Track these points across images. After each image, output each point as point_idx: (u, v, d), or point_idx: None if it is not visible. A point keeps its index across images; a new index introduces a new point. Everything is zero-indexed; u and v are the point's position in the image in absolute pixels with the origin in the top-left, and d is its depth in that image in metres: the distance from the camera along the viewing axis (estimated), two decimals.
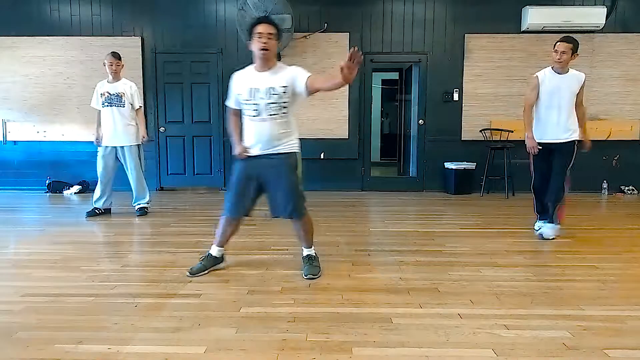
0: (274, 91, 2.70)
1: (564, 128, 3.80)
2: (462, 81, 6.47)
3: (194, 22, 6.50)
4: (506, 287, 2.68)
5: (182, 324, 2.16)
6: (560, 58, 3.72)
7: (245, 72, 2.84)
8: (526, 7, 6.19)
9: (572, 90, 3.78)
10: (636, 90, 6.42)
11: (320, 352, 1.90)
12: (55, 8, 6.51)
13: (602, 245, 3.66)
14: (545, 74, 3.87)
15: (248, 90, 2.75)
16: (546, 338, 2.02)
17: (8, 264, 3.16)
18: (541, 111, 3.88)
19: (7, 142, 6.70)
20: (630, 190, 6.51)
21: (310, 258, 2.95)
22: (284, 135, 2.78)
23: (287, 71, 2.75)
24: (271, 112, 2.72)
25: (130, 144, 4.74)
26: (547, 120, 3.83)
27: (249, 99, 2.75)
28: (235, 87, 2.86)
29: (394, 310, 2.34)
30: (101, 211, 4.83)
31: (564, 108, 3.78)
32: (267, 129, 2.75)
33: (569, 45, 3.71)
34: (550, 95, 3.81)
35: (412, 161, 6.94)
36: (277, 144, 2.78)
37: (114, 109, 4.67)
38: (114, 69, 4.66)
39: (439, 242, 3.77)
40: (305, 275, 2.84)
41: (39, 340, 2.00)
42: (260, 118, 2.75)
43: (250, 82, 2.76)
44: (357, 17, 6.45)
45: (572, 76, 3.81)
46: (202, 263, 2.95)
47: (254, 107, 2.74)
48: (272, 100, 2.70)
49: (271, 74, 2.74)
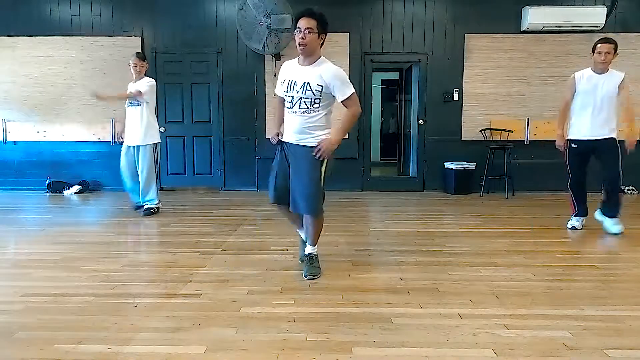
0: (309, 87, 2.69)
1: (601, 126, 3.84)
2: (462, 81, 6.47)
3: (194, 22, 6.49)
4: (506, 287, 2.68)
5: (182, 324, 2.16)
6: (605, 59, 3.78)
7: (291, 64, 2.84)
8: (526, 7, 6.18)
9: (609, 90, 3.82)
10: (636, 90, 6.41)
11: (320, 352, 1.90)
12: (55, 8, 6.51)
13: (602, 245, 3.66)
14: (583, 74, 3.92)
15: (287, 82, 2.77)
16: (546, 338, 2.02)
17: (8, 264, 3.16)
18: (578, 111, 3.93)
19: (7, 142, 6.70)
20: (630, 190, 6.50)
21: (311, 258, 2.94)
22: (313, 129, 2.75)
23: (327, 71, 2.70)
24: (302, 106, 2.72)
25: (144, 144, 4.73)
26: (584, 119, 3.88)
27: (287, 90, 2.76)
28: (281, 76, 2.86)
29: (394, 310, 2.34)
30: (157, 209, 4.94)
31: (602, 107, 3.82)
32: (297, 122, 2.76)
33: (611, 46, 3.80)
34: (587, 95, 3.86)
35: (412, 161, 6.94)
36: (305, 137, 2.76)
37: (132, 109, 4.73)
38: (138, 70, 4.71)
39: (439, 242, 3.77)
40: (305, 275, 2.84)
41: (39, 340, 2.00)
42: (292, 110, 2.76)
43: (291, 74, 2.77)
44: (357, 17, 6.45)
45: (611, 76, 3.86)
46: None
47: (290, 98, 2.76)
48: (305, 96, 2.70)
49: (311, 69, 2.72)
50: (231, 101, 6.61)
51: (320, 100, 2.71)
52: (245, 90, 6.50)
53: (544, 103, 6.36)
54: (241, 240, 3.83)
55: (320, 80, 2.68)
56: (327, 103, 2.77)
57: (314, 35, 2.64)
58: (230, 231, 4.12)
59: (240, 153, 6.68)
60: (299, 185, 2.76)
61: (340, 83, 2.71)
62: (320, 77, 2.68)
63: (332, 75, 2.68)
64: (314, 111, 2.72)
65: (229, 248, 3.57)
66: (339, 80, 2.71)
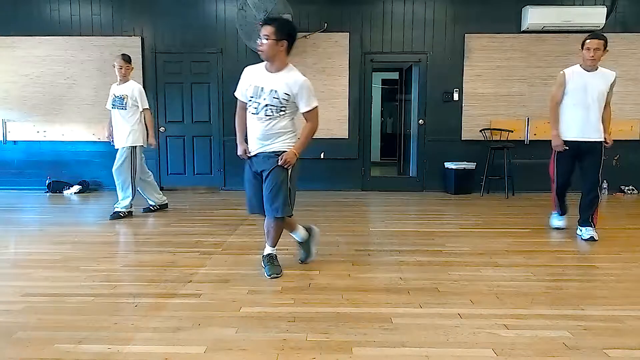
0: (276, 95, 2.71)
1: (593, 127, 3.71)
2: (462, 81, 6.46)
3: (194, 22, 6.49)
4: (506, 287, 2.68)
5: (182, 324, 2.16)
6: (594, 55, 3.62)
7: (256, 69, 2.84)
8: (526, 7, 6.18)
9: (600, 89, 3.68)
10: (636, 90, 6.42)
11: (320, 352, 1.90)
12: (55, 8, 6.51)
13: (602, 245, 3.66)
14: (573, 71, 3.77)
15: (254, 88, 2.76)
16: (546, 338, 2.02)
17: (8, 264, 3.16)
18: (568, 109, 3.78)
19: (7, 142, 6.70)
20: (630, 190, 6.50)
21: (271, 257, 2.93)
22: (279, 135, 2.78)
23: (295, 81, 2.73)
24: (268, 113, 2.73)
25: (123, 146, 4.66)
26: (574, 118, 3.74)
27: (253, 96, 2.76)
28: (244, 81, 2.85)
29: (394, 310, 2.34)
30: (156, 207, 5.00)
31: (592, 107, 3.68)
32: (262, 128, 2.77)
33: (601, 42, 3.63)
34: (577, 92, 3.71)
35: (412, 161, 6.94)
36: (271, 142, 2.78)
37: (117, 112, 4.68)
38: (123, 72, 4.65)
39: (439, 242, 3.77)
40: (269, 274, 2.81)
41: (39, 340, 2.00)
42: (258, 117, 2.76)
43: (257, 80, 2.77)
44: (357, 17, 6.45)
45: (601, 74, 3.72)
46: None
47: (255, 104, 2.76)
48: (272, 103, 2.72)
49: (278, 77, 2.74)
50: (231, 101, 6.49)
51: (286, 108, 2.75)
52: None
53: (544, 103, 6.30)
54: (241, 240, 3.83)
55: (287, 89, 2.71)
56: (293, 111, 2.81)
57: (271, 42, 2.68)
58: (230, 231, 4.12)
59: None
60: (267, 190, 2.79)
61: (307, 94, 2.75)
62: (287, 86, 2.71)
63: (299, 86, 2.72)
64: (278, 117, 2.75)
65: (229, 248, 3.57)
66: (306, 91, 2.75)
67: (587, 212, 3.79)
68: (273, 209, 2.79)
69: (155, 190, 5.04)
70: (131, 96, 4.65)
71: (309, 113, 2.82)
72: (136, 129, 4.69)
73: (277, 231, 2.93)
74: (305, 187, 6.64)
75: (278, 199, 2.77)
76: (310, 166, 6.62)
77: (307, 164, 6.85)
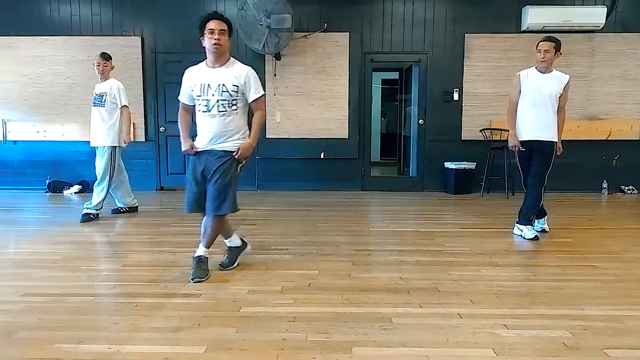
0: (224, 88, 2.74)
1: (544, 127, 3.78)
2: (462, 81, 6.47)
3: (194, 22, 6.42)
4: (506, 287, 2.68)
5: (182, 324, 2.16)
6: (544, 57, 3.75)
7: (198, 68, 2.86)
8: (526, 7, 6.18)
9: (552, 90, 3.77)
10: (636, 90, 6.42)
11: (320, 352, 1.90)
12: (55, 8, 6.51)
13: (602, 245, 3.66)
14: (528, 73, 3.89)
15: (200, 86, 2.77)
16: (546, 338, 2.02)
17: (8, 264, 3.16)
18: (522, 109, 3.88)
19: (7, 142, 6.70)
20: (630, 190, 6.51)
21: (201, 260, 2.87)
22: (232, 132, 2.80)
23: (241, 71, 2.78)
24: (220, 109, 2.75)
25: (102, 145, 4.59)
26: (528, 118, 3.83)
27: (200, 94, 2.77)
28: (187, 82, 2.86)
29: (394, 310, 2.34)
30: (125, 209, 4.92)
31: (545, 108, 3.77)
32: (215, 125, 2.78)
33: (551, 44, 3.76)
34: (531, 93, 3.81)
35: (412, 161, 6.94)
36: (224, 140, 2.79)
37: (95, 109, 4.61)
38: (100, 70, 4.57)
39: (439, 242, 3.77)
40: (191, 278, 2.76)
41: (39, 340, 2.00)
42: (210, 114, 2.77)
43: (202, 78, 2.78)
44: (357, 17, 6.45)
45: (554, 76, 3.82)
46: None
47: (205, 102, 2.77)
48: (222, 97, 2.74)
49: (223, 71, 2.77)
50: None
51: (237, 101, 2.78)
52: None
53: None
54: None
55: (235, 80, 2.75)
56: (243, 105, 2.84)
57: (226, 36, 2.74)
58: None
59: None
60: (213, 188, 2.78)
61: (255, 82, 2.83)
62: (234, 78, 2.75)
63: (246, 75, 2.79)
64: (232, 113, 2.77)
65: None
66: (254, 79, 2.82)
67: (529, 211, 3.85)
68: (216, 206, 2.79)
69: (127, 192, 4.93)
70: (110, 93, 4.56)
71: (257, 101, 2.86)
72: (115, 128, 4.60)
73: (215, 230, 2.92)
74: (305, 187, 6.65)
75: (224, 196, 2.78)
76: (310, 166, 6.66)
77: (307, 164, 6.92)
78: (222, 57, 2.79)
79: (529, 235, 3.79)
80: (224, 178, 2.78)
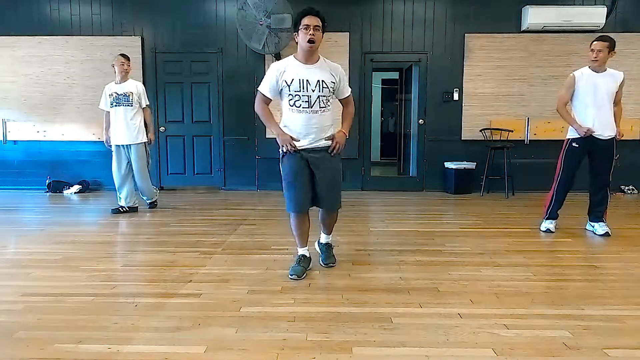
0: (324, 84, 2.76)
1: (605, 125, 3.85)
2: (462, 81, 6.46)
3: (194, 22, 6.49)
4: (506, 286, 2.68)
5: (182, 324, 2.16)
6: (597, 57, 3.79)
7: (290, 63, 2.79)
8: (526, 7, 6.18)
9: (609, 89, 3.84)
10: (636, 90, 6.41)
11: (320, 351, 1.90)
12: (55, 8, 6.51)
13: (602, 245, 3.66)
14: (582, 73, 3.92)
15: (298, 81, 2.73)
16: (546, 338, 2.02)
17: (8, 264, 3.16)
18: (581, 109, 3.92)
19: (7, 142, 6.70)
20: (630, 190, 6.50)
21: (329, 246, 3.13)
22: (328, 128, 2.84)
23: (336, 69, 2.85)
24: (321, 104, 2.77)
25: (137, 142, 4.86)
26: (588, 118, 3.86)
27: (299, 90, 2.73)
28: (280, 76, 2.75)
29: (394, 310, 2.34)
30: (126, 209, 4.93)
31: (602, 106, 3.84)
32: (317, 121, 2.78)
33: (604, 44, 3.78)
34: (587, 94, 3.86)
35: (412, 161, 6.94)
36: (325, 135, 2.82)
37: (122, 109, 4.78)
38: (125, 69, 4.79)
39: (439, 241, 3.77)
40: (325, 264, 3.03)
41: (39, 340, 2.00)
42: (312, 109, 2.75)
43: (300, 74, 2.74)
44: (357, 17, 6.45)
45: (610, 75, 3.87)
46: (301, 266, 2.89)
47: (305, 98, 2.73)
48: (322, 93, 2.76)
49: (320, 68, 2.79)
50: (231, 101, 6.61)
51: (331, 98, 2.84)
52: (246, 90, 6.48)
53: (544, 103, 6.35)
54: (241, 240, 3.83)
55: (332, 77, 2.79)
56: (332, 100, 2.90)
57: (320, 33, 2.76)
58: (230, 231, 4.12)
59: (240, 153, 6.68)
60: (330, 184, 2.87)
61: (345, 79, 2.92)
62: (331, 74, 2.79)
63: (341, 72, 2.86)
64: (329, 109, 2.83)
65: (229, 248, 3.57)
66: (345, 76, 2.91)
67: (599, 209, 3.96)
68: (334, 203, 2.93)
69: (132, 192, 5.00)
70: (136, 93, 4.82)
71: (348, 97, 2.97)
72: (142, 126, 4.89)
73: (335, 220, 3.08)
74: None
75: (339, 192, 2.94)
76: None
77: None
78: (315, 54, 2.80)
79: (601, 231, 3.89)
80: (336, 175, 2.90)
